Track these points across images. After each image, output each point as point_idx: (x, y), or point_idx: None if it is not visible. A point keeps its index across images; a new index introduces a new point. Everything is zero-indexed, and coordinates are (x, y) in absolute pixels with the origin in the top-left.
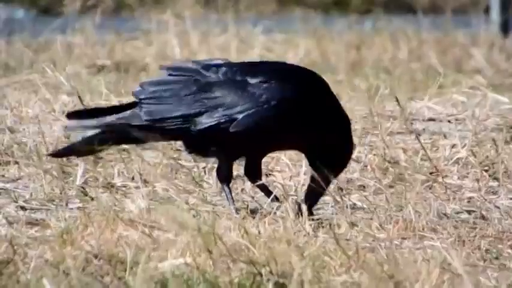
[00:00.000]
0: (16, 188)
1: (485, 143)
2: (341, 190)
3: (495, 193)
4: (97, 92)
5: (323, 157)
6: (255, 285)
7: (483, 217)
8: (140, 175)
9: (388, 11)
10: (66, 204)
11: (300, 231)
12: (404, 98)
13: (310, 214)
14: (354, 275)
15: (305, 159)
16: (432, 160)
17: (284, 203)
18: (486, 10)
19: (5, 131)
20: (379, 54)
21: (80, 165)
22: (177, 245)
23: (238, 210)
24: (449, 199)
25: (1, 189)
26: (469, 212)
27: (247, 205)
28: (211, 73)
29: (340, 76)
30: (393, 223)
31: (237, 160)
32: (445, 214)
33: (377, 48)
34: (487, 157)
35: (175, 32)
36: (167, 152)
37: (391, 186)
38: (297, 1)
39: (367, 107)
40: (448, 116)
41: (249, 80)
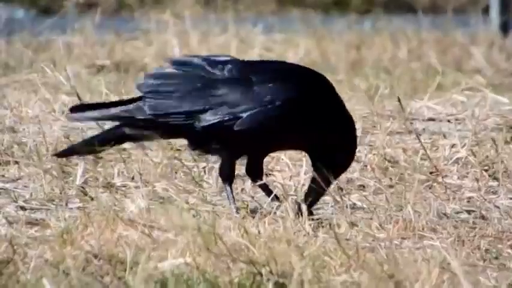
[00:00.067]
0: (16, 188)
1: (485, 143)
2: (341, 190)
3: (495, 193)
4: (97, 92)
5: (325, 157)
6: (255, 285)
7: (483, 217)
8: (140, 175)
9: (388, 11)
10: (66, 204)
11: (300, 231)
12: (404, 98)
13: (310, 214)
14: (354, 275)
15: (305, 159)
16: (432, 160)
17: (284, 203)
18: (486, 10)
19: (5, 131)
20: (379, 54)
21: (80, 165)
22: (177, 245)
23: (238, 209)
24: (449, 199)
25: (1, 189)
26: (469, 212)
27: (247, 205)
28: (216, 70)
29: (340, 76)
30: (393, 223)
31: (240, 159)
32: (445, 214)
33: (377, 48)
34: (487, 157)
35: (175, 32)
36: (167, 152)
37: (391, 186)
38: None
39: (367, 107)
40: (448, 116)
41: (254, 79)
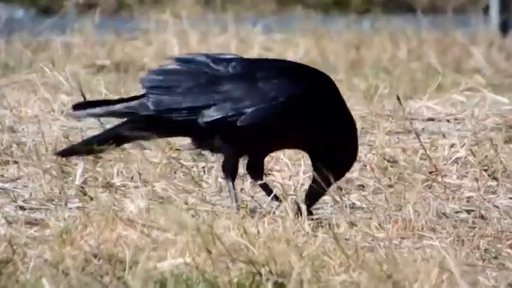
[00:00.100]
0: (15, 188)
1: (484, 143)
2: (340, 190)
3: (494, 193)
4: (96, 92)
5: (326, 157)
6: (254, 284)
7: (482, 217)
8: (139, 175)
9: (388, 11)
10: (65, 204)
11: (299, 230)
12: (403, 98)
13: (309, 214)
14: (353, 275)
15: (304, 158)
16: (431, 160)
17: (283, 203)
18: (485, 10)
19: (4, 131)
20: (378, 53)
21: (79, 165)
22: (176, 245)
23: (239, 207)
24: (448, 199)
25: (0, 189)
26: (468, 212)
27: (246, 204)
28: (220, 66)
29: (339, 76)
30: (392, 223)
31: (242, 157)
32: (444, 214)
33: (376, 47)
34: (486, 157)
35: (174, 32)
36: (166, 152)
37: (390, 185)
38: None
39: (366, 107)
40: (448, 116)
41: (258, 76)
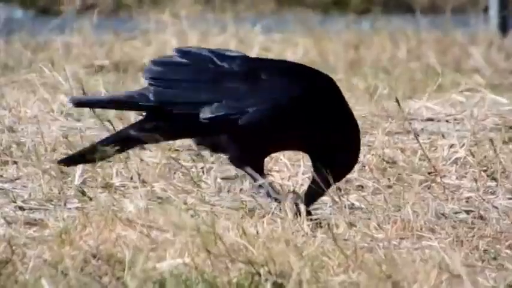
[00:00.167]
0: (14, 188)
1: (483, 143)
2: (339, 190)
3: (493, 193)
4: (96, 92)
5: (327, 158)
6: (254, 285)
7: (481, 217)
8: (139, 175)
9: (387, 11)
10: (64, 204)
11: (298, 231)
12: (403, 98)
13: (308, 214)
14: (352, 275)
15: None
16: (430, 160)
17: (282, 203)
18: (485, 9)
19: (4, 131)
20: (377, 53)
21: (79, 165)
22: (176, 245)
23: (277, 200)
24: (447, 199)
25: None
26: (467, 212)
27: (245, 205)
28: (224, 63)
29: (338, 76)
30: (391, 223)
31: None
32: (443, 214)
33: (376, 47)
34: (485, 157)
35: (173, 32)
36: (165, 152)
37: (390, 186)
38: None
39: (365, 107)
40: (447, 116)
41: (262, 75)
